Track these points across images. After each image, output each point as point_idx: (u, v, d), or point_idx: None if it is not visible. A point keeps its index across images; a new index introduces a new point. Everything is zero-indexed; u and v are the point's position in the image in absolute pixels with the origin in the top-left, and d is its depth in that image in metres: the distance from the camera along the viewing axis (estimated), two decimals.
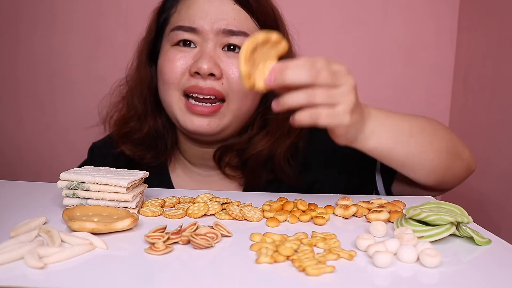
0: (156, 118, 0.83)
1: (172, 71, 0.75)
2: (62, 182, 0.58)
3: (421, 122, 0.73)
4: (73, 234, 0.49)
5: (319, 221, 0.57)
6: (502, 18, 1.05)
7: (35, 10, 1.27)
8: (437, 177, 0.73)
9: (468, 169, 0.79)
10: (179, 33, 0.76)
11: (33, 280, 0.40)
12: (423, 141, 0.71)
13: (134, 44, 0.86)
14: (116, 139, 0.83)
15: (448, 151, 0.74)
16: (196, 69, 0.73)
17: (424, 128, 0.72)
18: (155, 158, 0.83)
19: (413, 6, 1.25)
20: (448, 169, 0.75)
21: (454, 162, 0.75)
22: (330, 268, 0.43)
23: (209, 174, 0.86)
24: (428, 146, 0.71)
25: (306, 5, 1.25)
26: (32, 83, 1.31)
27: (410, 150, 0.70)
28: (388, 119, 0.68)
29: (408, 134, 0.70)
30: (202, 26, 0.74)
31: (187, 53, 0.75)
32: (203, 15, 0.75)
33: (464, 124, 1.22)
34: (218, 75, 0.73)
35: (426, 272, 0.44)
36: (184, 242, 0.49)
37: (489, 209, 1.07)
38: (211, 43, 0.75)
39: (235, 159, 0.82)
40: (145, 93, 0.82)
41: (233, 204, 0.62)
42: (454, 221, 0.52)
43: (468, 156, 0.79)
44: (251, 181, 0.82)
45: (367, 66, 1.28)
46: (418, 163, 0.71)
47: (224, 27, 0.74)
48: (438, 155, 0.72)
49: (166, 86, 0.76)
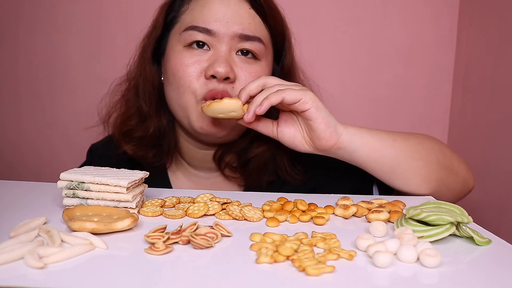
0: (161, 117, 0.82)
1: (188, 76, 0.74)
2: (62, 182, 0.58)
3: (402, 133, 0.76)
4: (73, 234, 0.49)
5: (319, 221, 0.57)
6: (502, 18, 1.05)
7: (35, 10, 1.27)
8: (430, 189, 0.74)
9: (465, 185, 0.80)
10: (193, 33, 0.75)
11: (33, 280, 0.40)
12: (409, 148, 0.73)
13: (134, 44, 0.85)
14: (118, 138, 0.82)
15: (440, 163, 0.74)
16: (213, 73, 0.72)
17: (407, 138, 0.75)
18: (157, 158, 0.82)
19: (412, 6, 1.25)
20: (441, 182, 0.75)
21: (447, 176, 0.76)
22: (330, 268, 0.43)
23: (209, 176, 0.85)
24: (415, 154, 0.73)
25: (305, 5, 1.24)
26: (32, 83, 1.30)
27: (396, 154, 0.71)
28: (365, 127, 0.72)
29: (391, 139, 0.72)
30: (218, 29, 0.74)
31: (201, 56, 0.74)
32: (219, 17, 0.74)
33: (464, 124, 1.22)
34: (232, 79, 0.73)
35: (426, 272, 0.44)
36: (184, 242, 0.49)
37: (489, 209, 1.07)
38: (226, 46, 0.74)
39: (236, 160, 0.82)
40: (149, 91, 0.81)
41: (233, 204, 0.62)
42: (454, 221, 0.52)
43: (464, 173, 0.79)
44: (251, 183, 0.81)
45: (366, 66, 1.28)
46: (407, 170, 0.72)
47: (241, 32, 0.74)
48: (427, 165, 0.73)
49: (181, 90, 0.75)
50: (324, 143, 0.68)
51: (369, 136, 0.70)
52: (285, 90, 0.65)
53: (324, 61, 1.28)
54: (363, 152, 0.70)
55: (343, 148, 0.69)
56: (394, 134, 0.74)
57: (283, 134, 0.71)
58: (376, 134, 0.71)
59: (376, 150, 0.70)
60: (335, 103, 0.72)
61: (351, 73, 1.28)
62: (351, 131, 0.69)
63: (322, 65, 1.27)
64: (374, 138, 0.71)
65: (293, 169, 0.80)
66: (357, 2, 1.25)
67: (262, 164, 0.80)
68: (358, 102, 1.28)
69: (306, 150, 0.71)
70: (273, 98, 0.65)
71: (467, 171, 0.80)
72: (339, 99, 1.26)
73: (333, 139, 0.68)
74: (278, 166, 0.80)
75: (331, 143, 0.68)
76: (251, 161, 0.80)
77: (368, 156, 0.70)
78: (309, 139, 0.70)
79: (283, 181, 0.81)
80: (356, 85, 1.28)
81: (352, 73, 1.28)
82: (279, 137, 0.72)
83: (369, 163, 0.71)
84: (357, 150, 0.70)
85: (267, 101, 0.65)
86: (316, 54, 1.27)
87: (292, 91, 0.65)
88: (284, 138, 0.71)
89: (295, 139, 0.71)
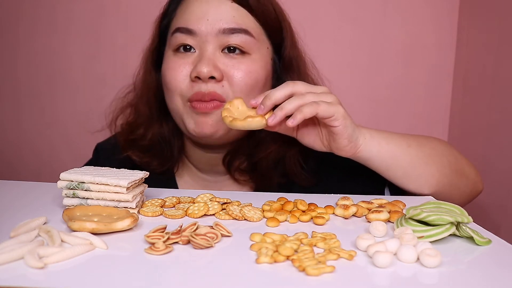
0: (162, 124, 0.82)
1: (174, 79, 0.74)
2: (62, 182, 0.58)
3: (416, 136, 0.76)
4: (73, 234, 0.49)
5: (319, 221, 0.57)
6: (502, 18, 1.05)
7: (35, 10, 1.27)
8: (442, 193, 0.74)
9: (474, 188, 0.80)
10: (177, 35, 0.75)
11: (33, 280, 0.40)
12: (422, 153, 0.73)
13: (134, 44, 0.85)
14: (123, 145, 0.82)
15: (451, 167, 0.75)
16: (196, 74, 0.72)
17: (421, 142, 0.75)
18: (161, 165, 0.82)
19: (412, 6, 1.25)
20: (453, 185, 0.75)
21: (458, 179, 0.76)
22: (330, 268, 0.43)
23: (216, 180, 0.85)
24: (429, 158, 0.73)
25: (305, 5, 1.24)
26: (32, 83, 1.31)
27: (411, 159, 0.72)
28: (382, 132, 0.72)
29: (406, 144, 0.72)
30: (199, 28, 0.73)
31: (186, 59, 0.74)
32: (200, 16, 0.73)
33: (464, 124, 1.22)
34: (218, 77, 0.72)
35: (426, 272, 0.44)
36: (184, 242, 0.49)
37: (489, 209, 1.07)
38: (210, 45, 0.73)
39: (244, 163, 0.81)
40: (151, 99, 0.82)
41: (233, 204, 0.62)
42: (454, 221, 0.52)
43: (474, 176, 0.79)
44: (261, 185, 0.81)
45: (366, 66, 1.28)
46: (421, 175, 0.72)
47: (225, 26, 0.73)
48: (440, 169, 0.73)
49: (170, 93, 0.76)
50: (343, 154, 0.69)
51: (385, 143, 0.70)
52: (319, 104, 0.62)
53: (324, 61, 1.28)
54: (378, 159, 0.70)
55: (359, 157, 0.70)
56: (409, 139, 0.73)
57: (303, 136, 0.71)
58: (391, 141, 0.71)
59: (391, 157, 0.70)
60: None
61: (351, 73, 1.28)
62: (369, 141, 0.69)
63: (322, 65, 1.27)
64: (390, 145, 0.70)
65: (302, 171, 0.80)
66: (357, 2, 1.25)
67: (272, 165, 0.79)
68: (358, 102, 1.28)
69: (322, 150, 0.72)
70: (307, 111, 0.61)
71: (476, 174, 0.80)
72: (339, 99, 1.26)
73: (352, 151, 0.68)
74: (287, 168, 0.80)
75: (349, 154, 0.69)
76: (260, 163, 0.79)
77: (383, 162, 0.71)
78: (327, 143, 0.70)
79: (292, 183, 0.80)
80: (356, 85, 1.28)
81: (352, 73, 1.28)
82: (299, 138, 0.72)
83: (384, 168, 0.72)
84: (373, 157, 0.70)
85: (300, 114, 0.61)
86: (316, 54, 1.27)
87: (326, 106, 0.62)
88: (304, 140, 0.71)
89: (314, 143, 0.71)
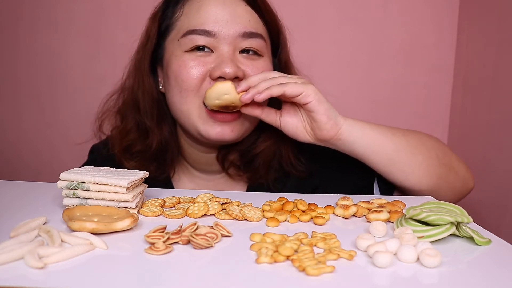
0: (162, 129, 0.80)
1: (191, 78, 0.73)
2: (62, 182, 0.58)
3: (402, 129, 0.77)
4: (73, 234, 0.49)
5: (319, 221, 0.57)
6: (502, 18, 1.05)
7: (35, 10, 1.27)
8: (430, 185, 0.74)
9: (464, 184, 0.80)
10: (193, 37, 0.73)
11: (33, 280, 0.40)
12: (407, 142, 0.74)
13: (134, 44, 0.84)
14: (119, 156, 0.80)
15: (439, 160, 0.75)
16: (221, 74, 0.71)
17: (407, 133, 0.76)
18: (160, 171, 0.81)
19: (412, 6, 1.25)
20: (441, 178, 0.75)
21: (447, 173, 0.76)
22: (330, 268, 0.43)
23: (213, 178, 0.85)
24: (414, 148, 0.74)
25: (305, 5, 1.25)
26: (32, 83, 1.31)
27: (396, 146, 0.73)
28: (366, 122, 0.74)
29: (390, 133, 0.74)
30: (219, 30, 0.73)
31: (204, 58, 0.73)
32: (218, 18, 0.73)
33: (464, 124, 1.22)
34: (242, 77, 0.72)
35: (426, 272, 0.44)
36: (184, 242, 0.49)
37: (489, 209, 1.07)
38: (229, 46, 0.73)
39: (239, 159, 0.81)
40: (150, 104, 0.79)
41: (233, 204, 0.62)
42: (454, 221, 0.52)
43: (464, 172, 0.80)
44: (256, 180, 0.81)
45: (366, 66, 1.28)
46: (406, 163, 0.73)
47: (244, 30, 0.73)
48: (426, 160, 0.74)
49: (184, 93, 0.73)
50: (325, 134, 0.70)
51: (368, 129, 0.72)
52: (287, 84, 0.67)
53: (324, 61, 1.28)
54: (363, 143, 0.72)
55: (343, 139, 0.71)
56: (394, 129, 0.76)
57: (286, 123, 0.73)
58: (376, 128, 0.73)
59: (375, 143, 0.72)
60: (335, 103, 0.72)
61: (351, 73, 1.28)
62: (351, 123, 0.71)
63: (322, 65, 1.27)
64: (374, 131, 0.72)
65: (297, 162, 0.81)
66: (357, 2, 1.25)
67: (268, 160, 0.80)
68: (358, 102, 1.28)
69: (307, 140, 0.73)
70: (275, 90, 0.67)
71: (466, 170, 0.81)
72: (339, 99, 1.25)
73: (333, 130, 0.70)
74: (282, 159, 0.81)
75: (331, 134, 0.70)
76: (256, 158, 0.80)
77: (367, 148, 0.72)
78: (310, 129, 0.72)
79: (287, 177, 0.81)
80: (356, 85, 1.29)
81: (352, 73, 1.28)
82: (282, 127, 0.73)
83: (369, 155, 0.73)
84: (357, 141, 0.72)
85: (268, 91, 0.66)
86: (316, 54, 1.27)
87: (293, 85, 0.67)
88: (287, 127, 0.73)
89: (297, 129, 0.73)
